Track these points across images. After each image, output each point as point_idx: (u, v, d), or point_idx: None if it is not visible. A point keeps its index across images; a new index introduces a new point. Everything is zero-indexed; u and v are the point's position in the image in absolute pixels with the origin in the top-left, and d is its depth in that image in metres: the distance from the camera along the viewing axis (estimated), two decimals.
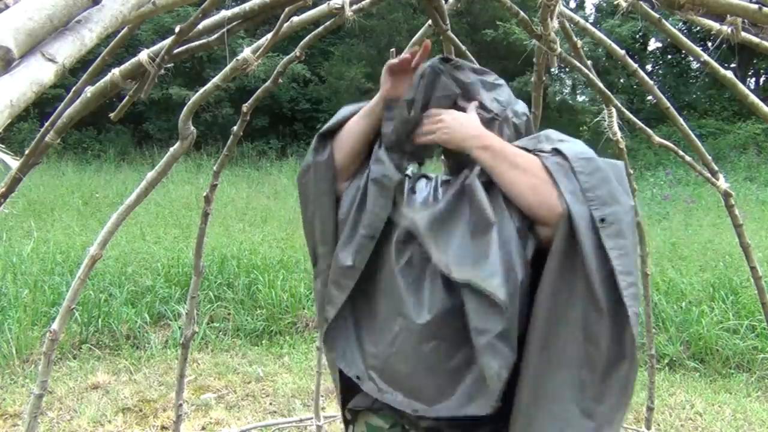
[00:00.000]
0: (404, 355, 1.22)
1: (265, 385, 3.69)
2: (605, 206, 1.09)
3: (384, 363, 1.25)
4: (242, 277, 4.81)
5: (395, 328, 1.23)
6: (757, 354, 4.00)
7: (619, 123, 1.97)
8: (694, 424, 3.34)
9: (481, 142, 1.20)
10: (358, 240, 1.26)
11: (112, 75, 1.42)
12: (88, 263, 1.93)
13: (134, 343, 4.16)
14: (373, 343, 1.28)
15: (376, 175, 1.27)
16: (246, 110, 1.96)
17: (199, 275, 2.46)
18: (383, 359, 1.25)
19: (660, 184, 9.00)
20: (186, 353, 2.54)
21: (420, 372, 1.22)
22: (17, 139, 10.70)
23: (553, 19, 1.44)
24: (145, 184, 1.90)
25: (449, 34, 1.76)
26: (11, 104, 0.57)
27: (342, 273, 1.28)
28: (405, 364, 1.23)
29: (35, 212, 6.92)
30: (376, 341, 1.28)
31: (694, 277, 4.75)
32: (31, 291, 4.33)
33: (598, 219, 1.08)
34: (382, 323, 1.27)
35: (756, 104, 1.62)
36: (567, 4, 2.28)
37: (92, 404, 3.32)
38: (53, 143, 1.47)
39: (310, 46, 1.77)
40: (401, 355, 1.23)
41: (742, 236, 2.13)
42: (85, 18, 0.69)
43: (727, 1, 1.10)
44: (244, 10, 1.35)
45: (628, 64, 1.87)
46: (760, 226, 6.33)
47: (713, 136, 12.50)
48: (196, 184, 8.83)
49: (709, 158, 2.03)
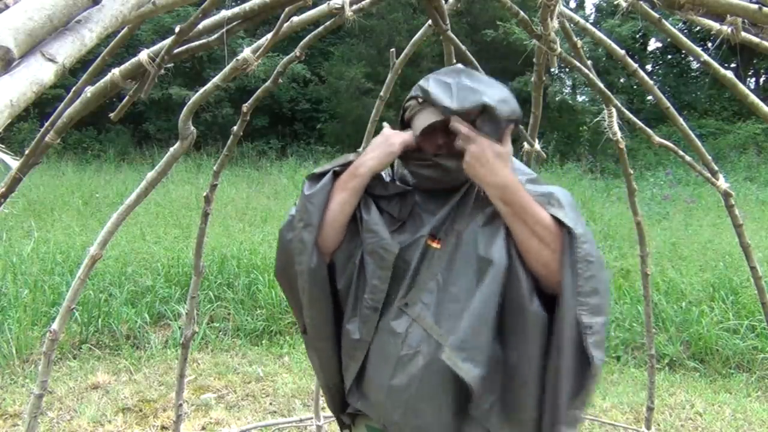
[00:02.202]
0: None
1: (265, 385, 3.69)
2: (594, 316, 1.12)
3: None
4: (242, 277, 4.81)
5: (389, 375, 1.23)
6: (757, 354, 4.00)
7: (619, 123, 1.97)
8: (694, 424, 3.34)
9: (504, 195, 1.16)
10: (362, 313, 1.26)
11: (112, 75, 1.42)
12: (88, 263, 1.93)
13: (134, 343, 4.16)
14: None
15: (372, 247, 1.25)
16: (246, 110, 1.96)
17: (199, 275, 2.46)
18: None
19: (660, 184, 8.99)
20: (186, 353, 2.54)
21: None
22: (17, 139, 10.70)
23: (553, 19, 1.44)
24: (145, 184, 1.90)
25: (449, 34, 1.76)
26: (11, 104, 0.57)
27: (353, 346, 1.28)
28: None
29: (35, 212, 6.92)
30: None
31: (694, 277, 4.75)
32: (31, 291, 4.33)
33: (584, 325, 1.11)
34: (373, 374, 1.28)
35: (756, 104, 1.62)
36: (567, 4, 2.28)
37: (92, 404, 3.32)
38: (53, 143, 1.47)
39: (310, 46, 1.77)
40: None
41: (742, 236, 2.13)
42: (85, 18, 0.69)
43: (727, 1, 1.10)
44: (244, 10, 1.35)
45: (628, 64, 1.87)
46: (760, 226, 6.33)
47: (713, 136, 12.50)
48: (196, 184, 8.83)
49: (709, 158, 2.03)
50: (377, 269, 1.24)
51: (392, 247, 1.23)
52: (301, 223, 1.26)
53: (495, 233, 1.19)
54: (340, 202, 1.27)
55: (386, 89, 2.30)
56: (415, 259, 1.24)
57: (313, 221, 1.25)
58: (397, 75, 2.25)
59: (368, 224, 1.26)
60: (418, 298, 1.22)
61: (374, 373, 1.27)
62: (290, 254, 1.29)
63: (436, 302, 1.20)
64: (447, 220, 1.27)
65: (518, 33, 11.32)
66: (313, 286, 1.28)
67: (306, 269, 1.26)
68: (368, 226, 1.26)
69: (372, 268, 1.24)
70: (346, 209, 1.27)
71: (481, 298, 1.15)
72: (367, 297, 1.25)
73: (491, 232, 1.20)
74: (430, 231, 1.26)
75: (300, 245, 1.26)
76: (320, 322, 1.33)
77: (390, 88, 2.29)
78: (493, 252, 1.17)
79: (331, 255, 1.30)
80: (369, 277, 1.25)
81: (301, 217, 1.27)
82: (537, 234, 1.15)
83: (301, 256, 1.26)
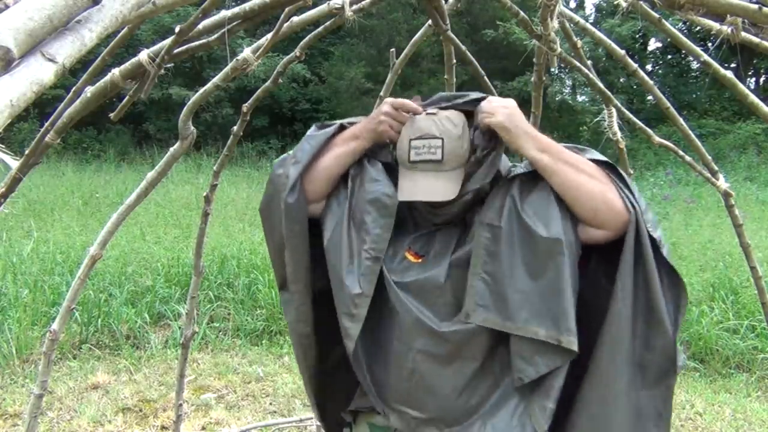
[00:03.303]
0: (426, 384, 1.21)
1: (265, 385, 3.69)
2: (655, 229, 1.12)
3: (407, 396, 1.23)
4: (242, 277, 4.81)
5: (409, 358, 1.21)
6: (757, 354, 4.00)
7: (619, 123, 1.96)
8: (694, 424, 3.33)
9: (539, 144, 1.16)
10: (362, 264, 1.22)
11: (112, 75, 1.41)
12: (88, 263, 1.93)
13: (134, 343, 4.16)
14: (387, 377, 1.25)
15: (375, 195, 1.23)
16: (246, 110, 1.96)
17: (199, 275, 2.46)
18: (404, 394, 1.23)
19: (660, 184, 8.99)
20: (186, 353, 2.54)
21: (447, 397, 1.20)
22: (17, 139, 10.70)
23: (553, 19, 1.44)
24: (145, 184, 1.90)
25: (449, 34, 1.76)
26: (11, 104, 0.57)
27: (352, 301, 1.22)
28: (429, 395, 1.20)
29: (35, 212, 6.92)
30: (390, 374, 1.25)
31: (694, 277, 4.75)
32: (31, 291, 4.33)
33: (656, 239, 1.11)
34: (394, 355, 1.24)
35: (756, 104, 1.62)
36: (567, 4, 2.28)
37: (92, 404, 3.32)
38: (53, 143, 1.47)
39: (310, 46, 1.77)
40: (422, 385, 1.21)
41: (742, 236, 2.12)
42: (85, 18, 0.69)
43: (727, 1, 1.10)
44: (244, 10, 1.35)
45: (628, 64, 1.87)
46: (760, 226, 6.33)
47: (713, 136, 12.49)
48: (196, 184, 8.82)
49: (709, 158, 2.03)
50: (379, 218, 1.22)
51: (395, 195, 1.22)
52: (293, 159, 1.28)
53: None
54: (335, 154, 1.28)
55: (386, 89, 2.30)
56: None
57: (303, 159, 1.26)
58: (397, 75, 2.25)
59: (371, 174, 1.26)
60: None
61: (387, 341, 1.24)
62: (276, 188, 1.29)
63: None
64: (424, 238, 1.27)
65: (518, 33, 11.32)
66: (290, 221, 1.26)
67: (284, 202, 1.25)
68: (371, 176, 1.26)
69: (374, 216, 1.23)
70: (339, 161, 1.27)
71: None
72: (368, 248, 1.22)
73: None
74: (409, 245, 1.26)
75: (285, 180, 1.26)
76: (297, 263, 1.29)
77: (390, 88, 2.29)
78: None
79: (315, 205, 1.29)
80: (370, 227, 1.22)
81: (294, 154, 1.29)
82: (585, 171, 1.14)
83: (283, 191, 1.26)
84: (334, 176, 1.28)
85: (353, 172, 1.28)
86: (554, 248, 1.11)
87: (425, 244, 1.26)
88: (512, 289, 1.13)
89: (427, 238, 1.27)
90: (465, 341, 1.18)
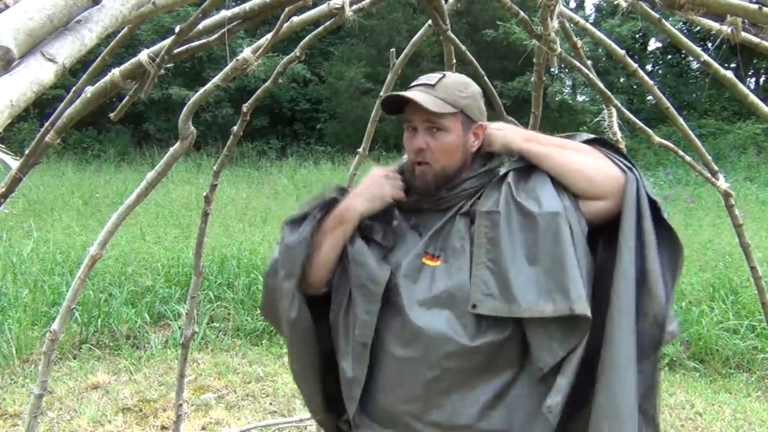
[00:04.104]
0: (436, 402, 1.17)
1: (265, 385, 3.69)
2: (651, 193, 1.15)
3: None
4: (242, 277, 4.81)
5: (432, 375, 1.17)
6: (757, 354, 4.00)
7: (619, 123, 1.96)
8: (694, 424, 3.34)
9: (524, 136, 1.23)
10: (353, 349, 1.21)
11: (112, 75, 1.41)
12: (88, 263, 1.93)
13: (134, 343, 4.16)
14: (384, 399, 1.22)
15: (360, 280, 1.21)
16: (246, 110, 1.96)
17: (199, 275, 2.46)
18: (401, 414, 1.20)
19: (660, 184, 9.00)
20: (186, 353, 2.54)
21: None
22: (17, 139, 10.71)
23: (553, 19, 1.44)
24: (145, 184, 1.90)
25: (449, 34, 1.76)
26: (11, 104, 0.57)
27: (348, 385, 1.23)
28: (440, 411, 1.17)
29: (35, 212, 6.93)
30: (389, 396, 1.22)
31: (694, 277, 4.75)
32: (31, 291, 4.33)
33: (655, 201, 1.14)
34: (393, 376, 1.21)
35: (756, 104, 1.62)
36: (567, 4, 2.28)
37: (92, 404, 3.32)
38: (53, 143, 1.47)
39: (310, 46, 1.77)
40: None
41: (742, 236, 2.12)
42: (85, 18, 0.69)
43: (727, 1, 1.10)
44: (244, 10, 1.35)
45: (628, 64, 1.87)
46: (760, 226, 6.33)
47: (713, 136, 12.51)
48: (196, 184, 8.83)
49: (709, 158, 2.03)
50: (365, 304, 1.19)
51: (381, 277, 1.18)
52: (283, 271, 1.25)
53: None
54: (327, 249, 1.26)
55: (386, 89, 2.30)
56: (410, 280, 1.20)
57: (295, 271, 1.24)
58: (397, 75, 2.25)
59: (354, 255, 1.23)
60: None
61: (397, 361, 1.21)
62: (274, 299, 1.29)
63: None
64: (438, 237, 1.24)
65: (518, 33, 11.33)
66: (294, 334, 1.27)
67: (286, 317, 1.25)
68: (354, 257, 1.22)
69: (360, 302, 1.20)
70: (332, 253, 1.26)
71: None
72: (358, 333, 1.20)
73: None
74: (424, 250, 1.23)
75: (281, 294, 1.25)
76: (304, 367, 1.32)
77: (390, 88, 2.29)
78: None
79: (325, 285, 1.29)
80: (358, 312, 1.20)
81: (283, 265, 1.26)
82: (572, 148, 1.19)
83: (283, 304, 1.25)
84: (331, 265, 1.27)
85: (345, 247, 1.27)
86: (551, 223, 1.10)
87: (438, 243, 1.23)
88: (515, 272, 1.11)
89: (438, 236, 1.24)
90: (496, 351, 1.15)
